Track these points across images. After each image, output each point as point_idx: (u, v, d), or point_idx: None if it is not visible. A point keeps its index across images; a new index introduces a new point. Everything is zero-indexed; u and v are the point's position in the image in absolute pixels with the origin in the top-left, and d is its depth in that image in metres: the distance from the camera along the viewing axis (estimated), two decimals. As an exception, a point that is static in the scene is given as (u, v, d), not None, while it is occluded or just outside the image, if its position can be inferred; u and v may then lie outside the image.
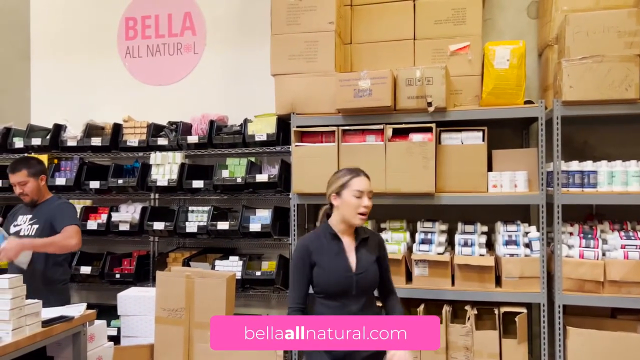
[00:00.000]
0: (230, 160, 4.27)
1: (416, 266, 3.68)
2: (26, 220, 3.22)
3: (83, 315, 2.66)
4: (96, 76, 5.05)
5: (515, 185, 3.60)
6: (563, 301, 3.43)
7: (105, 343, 2.98)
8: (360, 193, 2.36)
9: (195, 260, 4.28)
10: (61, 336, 2.57)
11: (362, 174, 2.44)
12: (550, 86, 3.74)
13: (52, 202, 3.35)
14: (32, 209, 3.28)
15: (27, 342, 2.41)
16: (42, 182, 3.28)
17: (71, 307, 2.77)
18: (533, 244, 3.56)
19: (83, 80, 5.08)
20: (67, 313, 2.64)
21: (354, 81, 3.66)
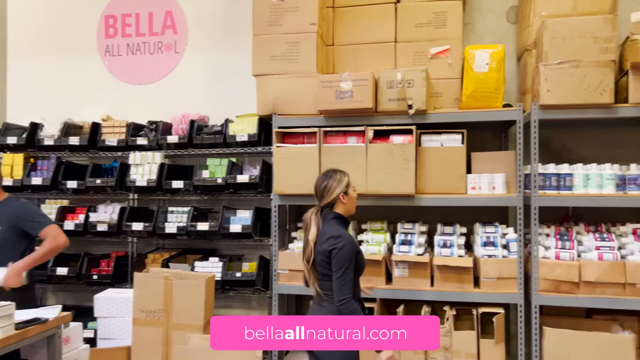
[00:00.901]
0: (211, 160, 4.24)
1: (396, 267, 3.70)
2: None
3: (58, 317, 2.62)
4: (75, 74, 4.98)
5: (493, 187, 3.64)
6: (539, 302, 3.48)
7: (81, 345, 2.93)
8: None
9: (174, 261, 4.24)
10: (35, 339, 2.52)
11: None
12: (528, 90, 3.79)
13: (11, 203, 3.23)
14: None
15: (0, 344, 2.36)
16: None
17: (46, 309, 2.72)
18: (511, 245, 3.61)
19: (61, 78, 5.01)
20: (42, 315, 2.59)
21: (335, 83, 3.67)
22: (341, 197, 2.71)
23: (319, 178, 2.80)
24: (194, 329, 2.87)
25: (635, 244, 3.42)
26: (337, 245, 2.55)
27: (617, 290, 3.35)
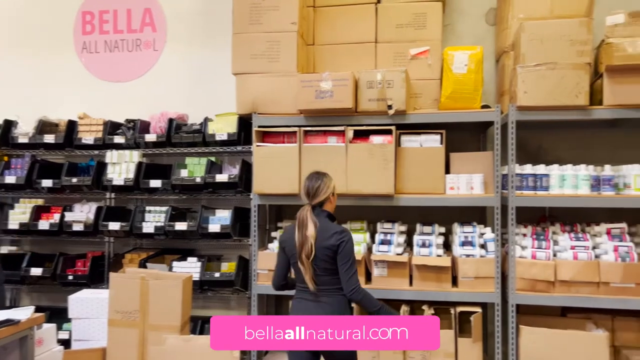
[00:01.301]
0: (190, 159, 4.20)
1: (375, 267, 3.71)
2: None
3: (30, 318, 2.56)
4: (51, 71, 4.89)
5: (471, 188, 3.68)
6: (516, 300, 3.52)
7: (54, 347, 2.88)
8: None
9: (152, 261, 4.19)
10: (7, 340, 2.47)
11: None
12: (506, 91, 3.84)
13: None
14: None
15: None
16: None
17: (18, 311, 2.66)
18: (488, 245, 3.65)
19: (37, 75, 4.91)
20: (13, 316, 2.53)
21: (315, 82, 3.66)
22: (331, 197, 2.88)
23: (310, 179, 2.87)
24: (170, 330, 2.83)
25: (608, 244, 3.49)
26: (344, 239, 2.68)
27: (592, 289, 3.41)
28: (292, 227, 2.80)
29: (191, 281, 3.13)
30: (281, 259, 2.83)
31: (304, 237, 2.69)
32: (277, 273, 2.85)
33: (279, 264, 2.85)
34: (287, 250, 2.79)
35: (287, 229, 2.87)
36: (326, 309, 2.66)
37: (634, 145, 3.94)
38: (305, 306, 2.71)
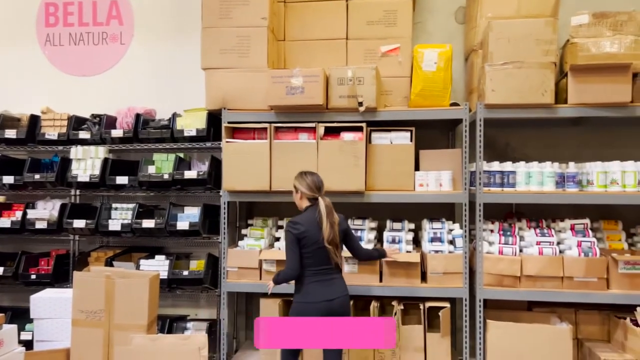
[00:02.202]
0: (158, 155, 4.12)
1: (346, 263, 3.71)
2: None
3: (-11, 319, 2.47)
4: (11, 64, 4.73)
5: (440, 185, 3.71)
6: (484, 295, 3.58)
7: (16, 348, 2.78)
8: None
9: (119, 259, 4.10)
10: (-36, 342, 2.38)
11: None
12: (475, 89, 3.89)
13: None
14: None
15: None
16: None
17: (-24, 311, 2.56)
18: (456, 241, 3.70)
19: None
20: (-29, 318, 2.44)
21: (286, 78, 3.64)
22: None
23: (312, 174, 3.18)
24: (137, 329, 2.77)
25: (572, 239, 3.57)
26: (346, 222, 3.23)
27: (556, 284, 3.49)
28: (311, 217, 3.02)
29: (158, 279, 3.08)
30: (297, 250, 3.00)
31: (332, 224, 3.00)
32: (296, 264, 3.00)
33: (295, 255, 3.00)
34: (308, 239, 2.98)
35: (301, 222, 3.02)
36: (341, 285, 3.09)
37: (597, 143, 4.05)
38: (324, 287, 3.00)
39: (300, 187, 3.13)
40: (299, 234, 2.98)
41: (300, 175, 3.18)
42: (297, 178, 3.18)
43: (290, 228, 3.01)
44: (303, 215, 3.07)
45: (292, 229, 3.00)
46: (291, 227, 3.01)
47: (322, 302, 2.97)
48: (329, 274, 3.04)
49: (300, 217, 3.07)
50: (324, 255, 3.00)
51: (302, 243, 2.99)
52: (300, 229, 2.99)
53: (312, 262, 3.00)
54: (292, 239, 2.99)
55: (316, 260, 3.00)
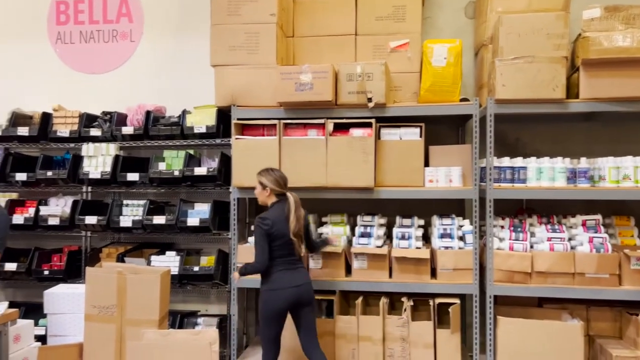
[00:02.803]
0: (168, 152, 4.14)
1: (355, 259, 3.71)
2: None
3: (4, 314, 2.51)
4: (24, 62, 4.78)
5: (450, 180, 3.70)
6: (494, 292, 3.56)
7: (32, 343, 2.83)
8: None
9: (130, 255, 4.13)
10: (-21, 337, 2.42)
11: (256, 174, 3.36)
12: (485, 85, 3.86)
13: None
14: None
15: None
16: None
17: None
18: (466, 237, 3.68)
19: (9, 66, 4.79)
20: (-14, 313, 2.48)
21: (295, 75, 3.64)
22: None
23: (281, 172, 3.36)
24: (148, 324, 2.80)
25: (584, 235, 3.54)
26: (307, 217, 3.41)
27: (567, 280, 3.47)
28: (279, 211, 3.19)
29: (169, 275, 3.10)
30: (266, 245, 3.14)
31: (298, 217, 3.19)
32: (265, 257, 3.15)
33: (264, 249, 3.14)
34: (276, 231, 3.14)
35: (270, 217, 3.16)
36: (304, 273, 3.28)
37: (609, 138, 4.01)
38: (290, 275, 3.19)
39: (269, 183, 3.26)
40: (268, 229, 3.13)
41: (267, 172, 3.31)
42: (264, 175, 3.30)
43: (260, 224, 3.14)
44: (271, 211, 3.22)
45: (262, 224, 3.14)
46: (261, 223, 3.14)
47: (289, 288, 3.15)
48: (294, 263, 3.24)
49: (268, 213, 3.22)
50: (290, 247, 3.21)
51: (271, 237, 3.15)
52: (269, 224, 3.13)
53: (279, 254, 3.18)
54: (262, 233, 3.13)
55: (283, 252, 3.19)
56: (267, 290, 3.19)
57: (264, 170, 3.32)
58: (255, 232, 3.16)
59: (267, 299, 3.17)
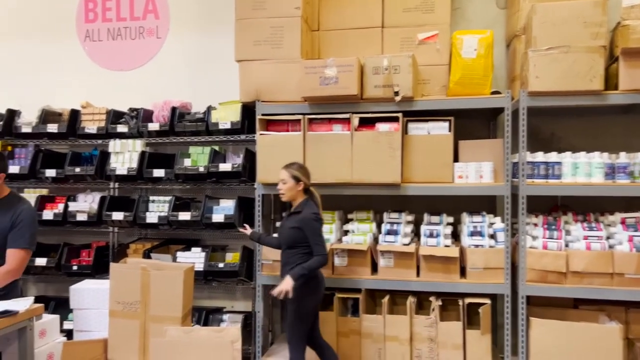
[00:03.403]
0: (194, 148, 4.13)
1: (382, 257, 3.63)
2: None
3: (29, 309, 2.52)
4: (54, 60, 4.85)
5: (481, 176, 3.58)
6: (526, 292, 3.43)
7: (58, 338, 2.84)
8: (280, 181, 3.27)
9: (156, 251, 4.15)
10: (5, 331, 2.43)
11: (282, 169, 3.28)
12: (517, 77, 3.72)
13: (13, 204, 2.89)
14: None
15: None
16: (0, 181, 2.87)
17: (18, 301, 2.62)
18: (498, 235, 3.56)
19: (40, 64, 4.87)
20: (12, 307, 2.50)
21: (320, 68, 3.57)
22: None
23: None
24: (172, 321, 2.78)
25: (623, 234, 3.37)
26: None
27: (605, 281, 3.31)
28: (314, 206, 3.21)
29: (193, 272, 3.08)
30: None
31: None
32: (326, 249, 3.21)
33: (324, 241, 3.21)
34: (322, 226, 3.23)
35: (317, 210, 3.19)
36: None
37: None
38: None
39: (303, 177, 3.23)
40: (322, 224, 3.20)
41: (299, 165, 3.28)
42: (296, 169, 3.24)
43: (317, 218, 3.16)
44: (313, 206, 3.20)
45: (319, 218, 3.17)
46: (317, 217, 3.16)
47: (322, 280, 3.28)
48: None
49: (314, 207, 3.20)
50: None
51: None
52: (322, 218, 3.21)
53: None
54: (320, 227, 3.17)
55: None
56: (306, 285, 3.12)
57: (295, 164, 3.27)
58: (315, 226, 3.12)
59: (307, 294, 3.14)
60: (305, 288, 3.14)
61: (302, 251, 3.13)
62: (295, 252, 3.16)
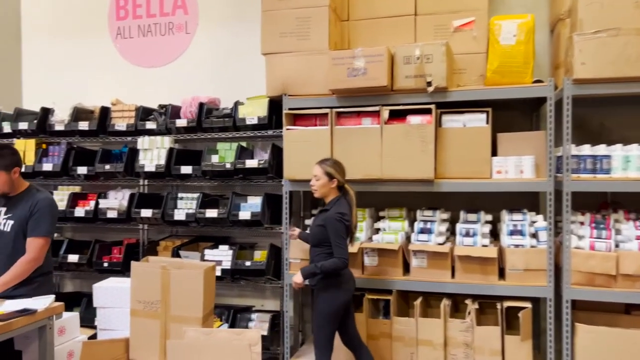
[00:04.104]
0: (221, 145, 4.06)
1: (414, 257, 3.46)
2: (1, 213, 2.93)
3: (48, 308, 2.50)
4: (87, 58, 4.89)
5: (521, 171, 3.34)
6: (571, 296, 3.18)
7: (78, 336, 2.82)
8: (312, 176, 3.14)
9: (185, 249, 4.11)
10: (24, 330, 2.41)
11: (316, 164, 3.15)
12: (561, 64, 3.45)
13: (31, 195, 2.94)
14: (8, 201, 2.95)
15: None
16: (16, 175, 2.89)
17: (37, 300, 2.60)
18: (540, 234, 3.32)
19: (74, 62, 4.93)
20: (31, 306, 2.48)
21: (347, 59, 3.42)
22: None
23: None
24: (192, 322, 2.71)
25: (681, 234, 3.07)
26: None
27: (661, 285, 3.02)
28: (346, 205, 3.06)
29: (214, 271, 2.99)
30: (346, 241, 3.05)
31: (356, 211, 3.13)
32: (347, 252, 3.03)
33: (346, 244, 3.04)
34: (349, 227, 3.04)
35: (347, 212, 3.03)
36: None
37: None
38: (349, 269, 3.15)
39: (337, 174, 3.09)
40: (348, 225, 3.03)
41: (333, 161, 3.15)
42: (330, 165, 3.10)
43: (342, 219, 2.99)
44: (341, 206, 3.05)
45: (344, 220, 3.00)
46: (342, 219, 2.99)
47: (351, 281, 3.15)
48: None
49: (342, 207, 3.05)
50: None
51: (347, 233, 3.05)
52: (348, 219, 3.02)
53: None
54: (344, 229, 3.00)
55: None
56: (334, 286, 3.03)
57: (329, 160, 3.14)
58: (338, 228, 2.96)
59: (336, 295, 3.02)
60: (332, 290, 3.01)
61: (327, 251, 3.00)
62: (321, 251, 3.03)
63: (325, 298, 3.02)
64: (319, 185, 3.10)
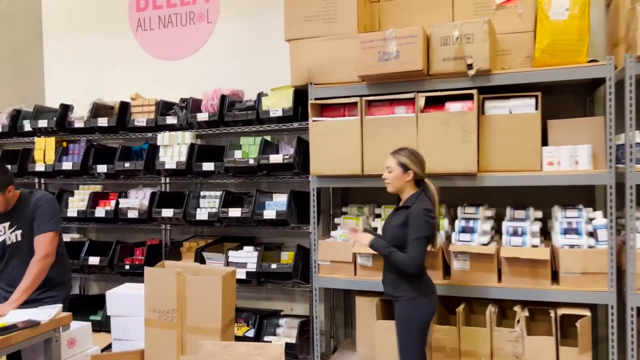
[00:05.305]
0: (245, 139, 3.83)
1: (455, 259, 3.14)
2: (5, 229, 2.82)
3: (53, 319, 2.29)
4: (109, 53, 4.74)
5: (576, 162, 2.99)
6: (636, 303, 2.83)
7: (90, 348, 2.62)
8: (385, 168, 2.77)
9: (209, 250, 3.89)
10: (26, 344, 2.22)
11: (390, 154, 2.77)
12: (621, 40, 3.06)
13: (28, 199, 2.86)
14: (8, 214, 2.84)
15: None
16: (10, 193, 2.79)
17: (43, 310, 2.41)
18: (599, 233, 2.97)
19: (96, 57, 4.79)
20: (35, 317, 2.28)
21: (378, 42, 3.12)
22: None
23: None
24: (211, 333, 2.47)
25: None
26: None
27: None
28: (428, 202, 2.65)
29: (234, 277, 2.74)
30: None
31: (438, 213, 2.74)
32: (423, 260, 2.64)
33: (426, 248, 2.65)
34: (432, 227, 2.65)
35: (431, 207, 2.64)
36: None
37: None
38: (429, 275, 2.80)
39: (413, 165, 2.68)
40: (433, 224, 2.63)
41: (408, 151, 2.72)
42: (405, 155, 2.69)
43: (429, 217, 2.59)
44: (426, 201, 2.64)
45: (431, 218, 2.60)
46: (429, 216, 2.59)
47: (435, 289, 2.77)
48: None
49: (428, 203, 2.64)
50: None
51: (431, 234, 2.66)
52: (434, 217, 2.64)
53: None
54: (428, 229, 2.60)
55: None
56: (420, 296, 2.64)
57: (405, 150, 2.72)
58: (422, 227, 2.56)
59: (424, 305, 2.64)
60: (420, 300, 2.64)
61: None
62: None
63: (410, 310, 2.64)
64: (392, 177, 2.71)
